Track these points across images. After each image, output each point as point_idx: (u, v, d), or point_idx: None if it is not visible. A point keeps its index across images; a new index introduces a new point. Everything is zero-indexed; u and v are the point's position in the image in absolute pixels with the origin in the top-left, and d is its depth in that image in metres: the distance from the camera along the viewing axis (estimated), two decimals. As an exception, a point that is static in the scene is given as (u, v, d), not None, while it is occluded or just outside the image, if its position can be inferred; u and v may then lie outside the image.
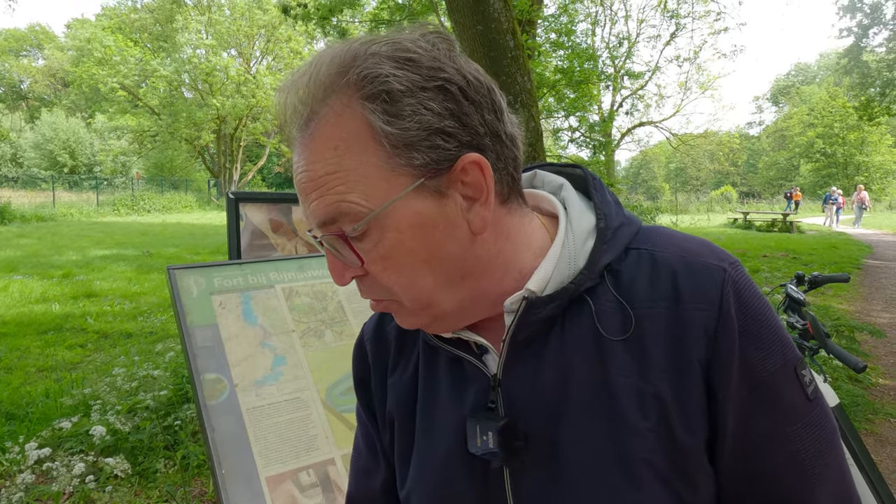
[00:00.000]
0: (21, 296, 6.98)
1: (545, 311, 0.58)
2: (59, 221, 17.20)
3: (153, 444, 3.11)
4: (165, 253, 10.89)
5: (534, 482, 0.58)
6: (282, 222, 2.23)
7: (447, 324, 0.62)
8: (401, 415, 0.69)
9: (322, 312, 1.81)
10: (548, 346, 0.60)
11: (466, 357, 0.63)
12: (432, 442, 0.65)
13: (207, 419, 1.46)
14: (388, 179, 0.54)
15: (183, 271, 1.70)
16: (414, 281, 0.58)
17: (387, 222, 0.55)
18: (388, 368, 0.71)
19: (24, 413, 3.57)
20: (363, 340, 0.76)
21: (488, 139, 0.57)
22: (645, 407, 0.56)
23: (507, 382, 0.61)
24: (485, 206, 0.57)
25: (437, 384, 0.66)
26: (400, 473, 0.69)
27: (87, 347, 5.15)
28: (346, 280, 0.60)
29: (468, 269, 0.59)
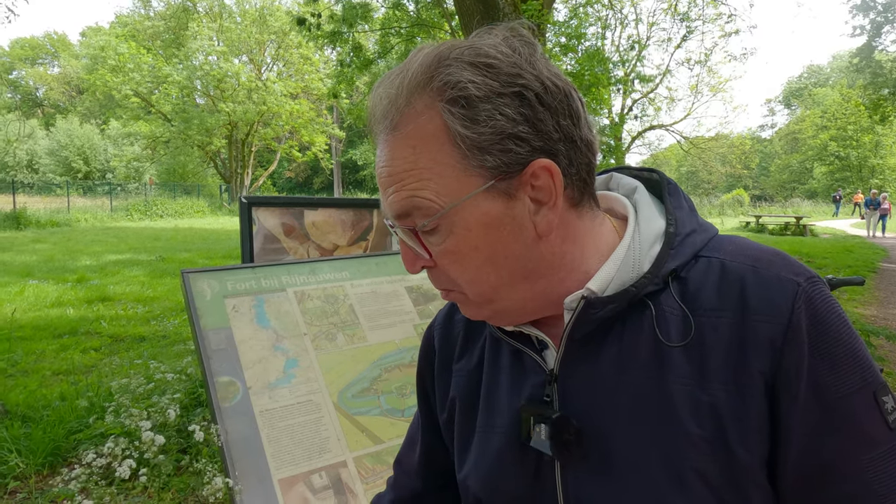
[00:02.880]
0: (36, 300, 7.07)
1: (603, 311, 0.59)
2: (74, 227, 17.40)
3: (166, 447, 3.13)
4: (178, 258, 10.98)
5: (582, 477, 0.60)
6: (294, 226, 2.25)
7: (509, 318, 0.64)
8: (463, 401, 0.72)
9: (334, 316, 1.82)
10: (605, 346, 0.61)
11: (526, 351, 0.66)
12: (490, 430, 0.67)
13: (221, 422, 1.48)
14: (461, 179, 0.57)
15: (197, 275, 1.72)
16: (478, 276, 0.60)
17: (456, 219, 0.58)
18: (454, 355, 0.75)
19: (40, 416, 3.61)
20: (433, 327, 0.80)
21: (562, 144, 0.58)
22: (700, 416, 0.55)
23: (563, 378, 0.62)
24: (552, 210, 0.59)
25: (499, 375, 0.68)
26: (459, 457, 0.71)
27: (101, 351, 5.20)
28: (417, 269, 0.63)
29: (531, 270, 0.60)
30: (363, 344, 1.80)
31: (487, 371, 0.70)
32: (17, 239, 13.67)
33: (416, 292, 2.01)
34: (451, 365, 0.75)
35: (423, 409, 0.81)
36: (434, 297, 2.02)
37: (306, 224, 2.29)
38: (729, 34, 19.12)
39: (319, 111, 31.90)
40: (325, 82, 28.88)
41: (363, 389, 1.69)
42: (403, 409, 1.71)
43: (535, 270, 0.60)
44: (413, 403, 1.71)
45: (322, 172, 40.96)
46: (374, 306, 1.91)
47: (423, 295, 2.02)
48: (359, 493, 1.47)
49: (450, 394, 0.74)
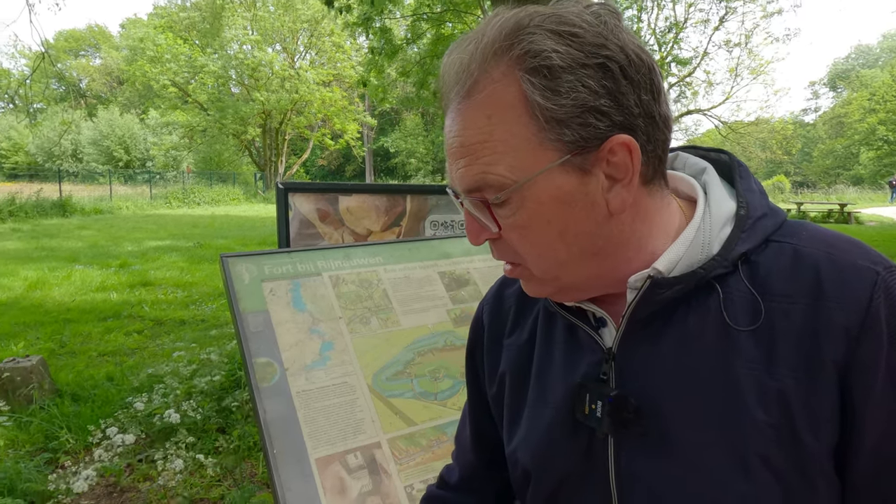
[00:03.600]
0: (82, 284, 7.35)
1: (669, 292, 0.58)
2: (116, 214, 17.96)
3: (207, 426, 3.24)
4: (215, 244, 11.25)
5: (638, 456, 0.59)
6: (329, 212, 2.28)
7: (571, 295, 0.64)
8: (514, 375, 0.72)
9: (368, 300, 1.84)
10: (668, 327, 0.60)
11: (583, 327, 0.65)
12: (542, 405, 0.67)
13: (259, 401, 1.52)
14: (536, 153, 0.55)
15: (235, 259, 1.77)
16: (545, 252, 0.59)
17: (528, 193, 0.56)
18: (505, 330, 0.75)
19: (88, 395, 3.77)
20: (483, 303, 0.80)
21: (641, 120, 0.56)
22: (767, 402, 0.55)
23: (622, 357, 0.62)
24: (627, 187, 0.57)
25: (553, 350, 0.68)
26: (508, 431, 0.72)
27: (143, 334, 5.39)
28: (481, 241, 0.62)
29: (600, 247, 0.59)
30: (397, 328, 1.82)
31: (540, 346, 0.70)
32: (64, 226, 14.19)
33: (448, 277, 2.02)
34: (501, 340, 0.75)
35: (471, 384, 0.82)
36: (466, 282, 2.03)
37: (341, 210, 2.32)
38: (771, 14, 18.41)
39: (351, 99, 32.07)
40: (356, 70, 29.00)
41: (397, 373, 1.72)
42: (436, 392, 1.73)
43: (603, 248, 0.60)
44: (446, 387, 1.73)
45: (354, 160, 41.25)
46: (408, 291, 1.93)
47: (456, 280, 2.03)
48: (392, 473, 1.50)
49: (499, 368, 0.74)
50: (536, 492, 0.68)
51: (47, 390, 3.67)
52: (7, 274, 7.74)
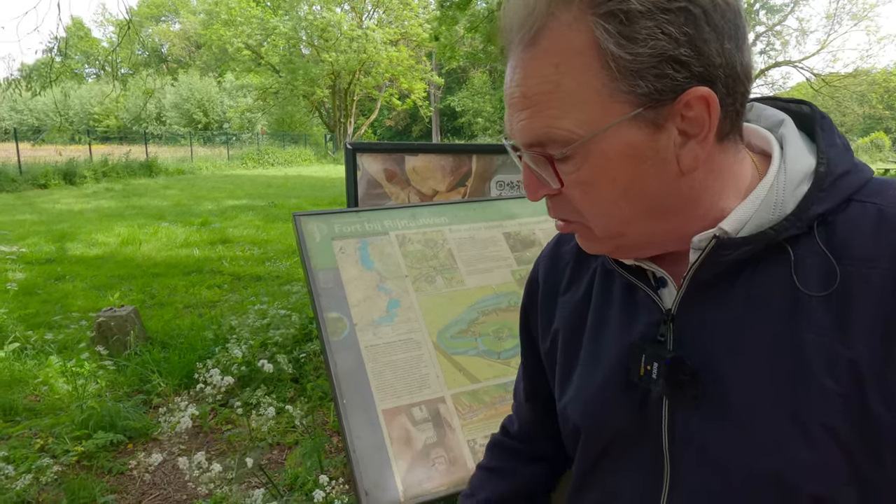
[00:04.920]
0: (168, 241, 7.84)
1: (736, 253, 0.55)
2: (197, 174, 18.89)
3: (282, 376, 3.43)
4: (288, 203, 11.65)
5: (693, 418, 0.58)
6: (395, 172, 2.30)
7: (631, 253, 0.62)
8: (567, 333, 0.71)
9: (433, 259, 1.87)
10: (732, 289, 0.57)
11: (642, 287, 0.63)
12: (596, 363, 0.66)
13: (330, 354, 1.59)
14: (606, 106, 0.52)
15: (307, 218, 1.83)
16: (608, 210, 0.57)
17: (594, 149, 0.53)
18: (560, 287, 0.74)
19: (176, 343, 4.07)
20: (539, 259, 0.79)
21: (721, 71, 0.52)
22: (837, 370, 0.52)
23: (681, 318, 0.60)
24: (701, 144, 0.54)
25: (609, 308, 0.67)
26: (560, 387, 0.72)
27: (223, 288, 5.72)
28: (539, 197, 0.60)
29: (667, 206, 0.56)
30: (461, 287, 1.84)
31: (596, 304, 0.68)
32: (150, 185, 15.09)
33: (513, 238, 2.01)
34: (556, 297, 0.74)
35: (525, 339, 0.82)
36: (532, 243, 2.01)
37: (407, 170, 2.34)
38: (879, -49, 16.55)
39: (418, 58, 31.82)
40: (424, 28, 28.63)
41: (461, 331, 1.74)
42: (500, 351, 1.75)
43: (671, 207, 0.56)
44: (509, 346, 1.74)
45: (421, 120, 41.21)
46: (472, 251, 1.93)
47: (521, 241, 2.02)
48: (456, 427, 1.54)
49: (553, 325, 0.74)
50: (586, 449, 0.68)
51: (140, 338, 3.98)
52: (103, 230, 8.37)
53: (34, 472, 2.55)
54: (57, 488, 2.56)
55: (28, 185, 13.60)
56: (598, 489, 0.68)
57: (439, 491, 1.40)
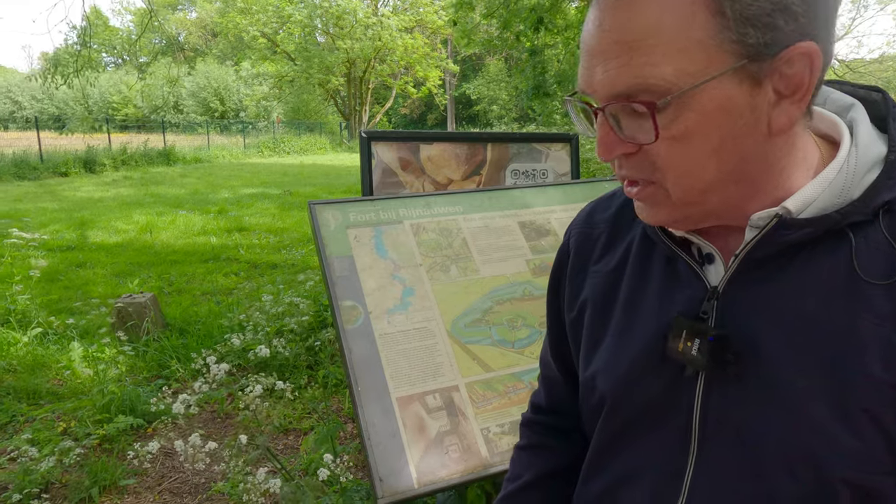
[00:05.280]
0: (186, 228, 7.92)
1: (795, 234, 0.54)
2: (214, 162, 19.03)
3: (297, 363, 3.47)
4: (303, 192, 11.71)
5: (731, 397, 0.57)
6: (410, 160, 2.30)
7: (692, 223, 0.59)
8: (597, 303, 0.70)
9: (448, 248, 1.87)
10: (786, 271, 0.56)
11: (688, 261, 0.61)
12: (629, 335, 0.65)
13: (346, 342, 1.60)
14: (710, 55, 0.49)
15: (322, 206, 1.83)
16: (694, 170, 0.53)
17: (691, 102, 0.50)
18: (591, 257, 0.72)
19: (194, 329, 4.13)
20: (571, 227, 0.77)
21: (823, 30, 0.50)
22: (891, 360, 0.50)
23: (727, 297, 0.58)
24: (797, 104, 0.51)
25: (647, 281, 0.65)
26: (585, 358, 0.70)
27: (240, 275, 5.78)
28: (613, 156, 0.56)
29: (749, 171, 0.54)
30: (475, 276, 1.84)
31: (632, 276, 0.67)
32: (168, 174, 15.24)
33: (528, 228, 2.00)
34: (586, 266, 0.73)
35: (551, 306, 0.81)
36: (546, 232, 2.00)
37: (422, 158, 2.33)
38: (909, -67, 16.02)
39: (434, 45, 31.64)
40: (439, 14, 28.44)
41: (475, 320, 1.74)
42: (513, 341, 1.75)
43: (751, 173, 0.54)
44: (523, 336, 1.74)
45: (436, 108, 41.06)
46: (487, 240, 1.93)
47: (536, 230, 2.01)
48: (469, 416, 1.55)
49: (582, 294, 0.72)
50: (609, 421, 0.67)
51: (158, 324, 4.04)
52: (122, 218, 8.48)
53: (57, 454, 2.61)
54: (79, 470, 2.62)
55: (49, 174, 13.81)
56: (617, 465, 0.67)
57: (453, 478, 1.41)
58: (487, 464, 1.45)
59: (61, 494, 2.52)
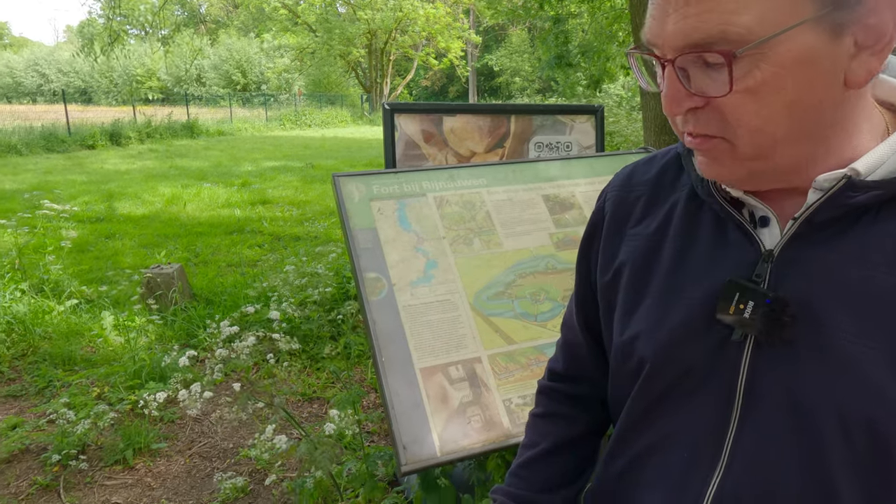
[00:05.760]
0: (210, 201, 8.02)
1: (862, 197, 0.52)
2: (236, 135, 19.14)
3: (320, 333, 3.53)
4: (325, 165, 11.74)
5: (785, 363, 0.56)
6: (433, 133, 2.28)
7: (756, 183, 0.57)
8: (635, 266, 0.68)
9: (471, 221, 1.86)
10: (848, 235, 0.54)
11: (742, 223, 0.60)
12: (673, 298, 0.64)
13: (369, 313, 1.62)
14: (794, 3, 0.47)
15: (346, 178, 1.84)
16: (766, 125, 0.51)
17: (769, 52, 0.48)
18: (630, 219, 0.71)
19: (219, 300, 4.21)
20: (607, 189, 0.76)
21: None
22: None
23: (783, 260, 0.57)
24: (877, 55, 0.49)
25: (693, 244, 0.64)
26: (622, 321, 0.69)
27: (263, 247, 5.85)
28: (682, 110, 0.54)
29: (822, 128, 0.52)
30: (498, 250, 1.84)
31: (677, 238, 0.65)
32: (192, 146, 15.38)
33: (552, 201, 1.99)
34: (623, 229, 0.71)
35: (581, 269, 0.79)
36: (570, 206, 1.99)
37: (445, 130, 2.32)
38: None
39: (456, 15, 31.10)
40: (461, -17, 27.88)
41: (498, 293, 1.75)
42: (536, 314, 1.75)
43: (824, 129, 0.52)
44: (546, 309, 1.74)
45: (457, 80, 40.55)
46: (510, 214, 1.92)
47: (560, 204, 1.99)
48: (492, 387, 1.57)
49: (618, 258, 0.71)
50: (647, 385, 0.66)
51: (185, 294, 4.13)
52: (148, 190, 8.61)
53: (92, 417, 2.71)
54: (114, 433, 2.72)
55: (77, 146, 14.03)
56: (654, 430, 0.66)
57: (475, 448, 1.44)
58: (509, 434, 1.47)
59: (97, 456, 2.62)
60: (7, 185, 8.87)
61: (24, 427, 2.78)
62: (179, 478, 2.52)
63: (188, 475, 2.54)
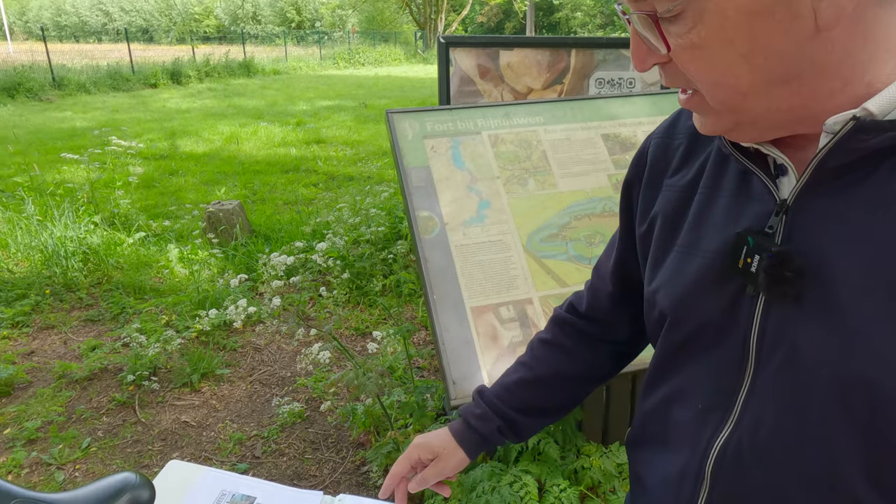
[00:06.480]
0: (267, 140, 8.15)
1: (875, 140, 0.47)
2: (291, 74, 19.18)
3: (372, 271, 3.60)
4: (378, 104, 11.66)
5: (791, 317, 0.54)
6: (489, 68, 2.21)
7: (752, 133, 0.54)
8: (666, 217, 0.67)
9: (526, 161, 1.82)
10: (867, 183, 0.50)
11: (759, 174, 0.57)
12: (693, 251, 0.63)
13: (422, 251, 1.62)
14: None
15: (400, 115, 1.81)
16: (723, 79, 0.49)
17: (708, 4, 0.45)
18: (668, 169, 0.69)
19: (276, 236, 4.34)
20: (650, 137, 0.74)
21: None
22: None
23: (796, 211, 0.54)
24: None
25: (718, 196, 0.62)
26: (650, 272, 0.69)
27: (318, 186, 5.95)
28: (647, 66, 0.53)
29: (796, 73, 0.48)
30: (553, 190, 1.79)
31: (705, 190, 0.63)
32: (249, 85, 15.54)
33: (612, 141, 1.90)
34: (662, 179, 0.69)
35: (623, 218, 0.78)
36: (632, 146, 1.90)
37: (501, 66, 2.23)
38: None
39: (515, -55, 29.52)
40: None
41: (551, 235, 1.72)
42: (590, 257, 1.72)
43: (800, 75, 0.48)
44: (600, 252, 1.71)
45: (514, 16, 38.90)
46: (567, 153, 1.86)
47: (621, 144, 1.91)
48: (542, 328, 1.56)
49: (654, 208, 0.69)
50: (669, 337, 0.66)
51: (245, 230, 4.27)
52: (208, 128, 8.82)
53: (162, 343, 2.90)
54: (181, 358, 2.90)
55: (140, 85, 14.43)
56: (670, 383, 0.67)
57: (523, 386, 1.45)
58: (558, 375, 1.47)
59: (167, 378, 2.81)
60: (78, 122, 9.27)
61: (102, 349, 3.00)
62: (241, 401, 2.68)
63: (249, 399, 2.69)
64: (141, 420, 2.54)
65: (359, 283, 3.55)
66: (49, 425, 2.47)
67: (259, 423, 2.53)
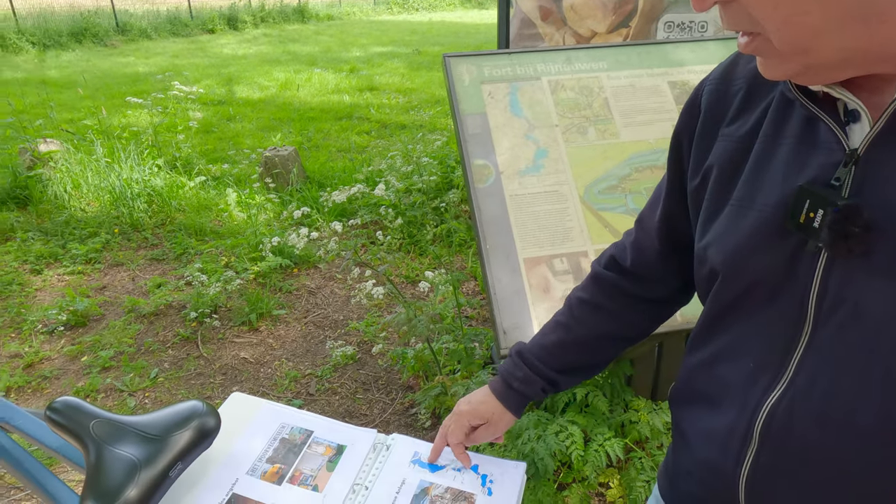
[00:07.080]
0: (320, 86, 8.16)
1: None
2: (345, 20, 18.96)
3: (424, 220, 3.61)
4: (432, 51, 11.43)
5: (858, 276, 0.51)
6: (552, 10, 2.11)
7: (821, 76, 0.50)
8: (722, 169, 0.64)
9: (587, 109, 1.75)
10: None
11: (826, 120, 0.53)
12: (748, 205, 0.60)
13: (475, 200, 1.61)
14: None
15: (457, 59, 1.77)
16: (793, 16, 0.45)
17: None
18: (725, 117, 0.65)
19: (330, 182, 4.40)
20: (704, 83, 0.69)
21: None
22: None
23: (868, 161, 0.50)
24: None
25: (780, 146, 0.58)
26: (702, 227, 0.66)
27: (371, 134, 5.95)
28: (707, 5, 0.50)
29: (872, 9, 0.44)
30: (615, 140, 1.73)
31: (764, 140, 0.59)
32: (303, 31, 15.48)
33: (679, 89, 1.81)
34: (717, 128, 0.65)
35: (672, 170, 0.74)
36: (701, 95, 1.79)
37: (564, 7, 2.13)
38: None
39: None
40: None
41: (610, 186, 1.67)
42: (650, 211, 1.66)
43: (876, 11, 0.43)
44: (661, 207, 1.65)
45: (576, -44, 36.93)
46: (631, 101, 1.78)
47: (688, 92, 1.80)
48: (596, 282, 1.54)
49: (707, 161, 0.65)
50: (719, 295, 0.63)
51: (299, 176, 4.34)
52: (263, 74, 8.89)
53: (222, 283, 3.02)
54: (240, 298, 3.02)
55: (198, 30, 14.59)
56: (721, 339, 0.65)
57: (574, 338, 1.44)
58: (611, 329, 1.45)
59: (227, 316, 2.95)
60: (141, 67, 9.50)
61: (166, 286, 3.16)
62: (297, 342, 2.78)
63: (304, 340, 2.80)
64: (203, 354, 2.69)
65: (411, 230, 3.57)
66: (121, 355, 2.65)
67: (313, 363, 2.63)
